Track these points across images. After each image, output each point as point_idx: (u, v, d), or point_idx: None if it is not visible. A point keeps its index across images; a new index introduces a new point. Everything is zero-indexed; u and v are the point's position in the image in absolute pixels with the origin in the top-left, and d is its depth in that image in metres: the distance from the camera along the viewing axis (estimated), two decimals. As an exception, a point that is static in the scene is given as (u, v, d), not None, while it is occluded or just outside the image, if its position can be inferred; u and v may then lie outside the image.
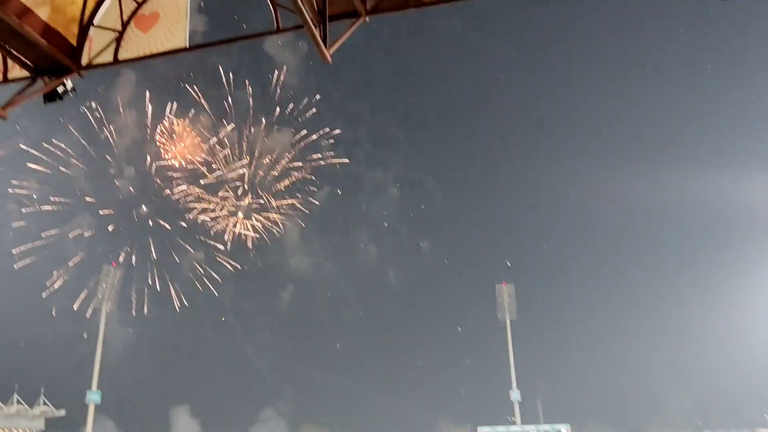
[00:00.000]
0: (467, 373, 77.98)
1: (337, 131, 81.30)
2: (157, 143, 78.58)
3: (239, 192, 79.82)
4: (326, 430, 74.92)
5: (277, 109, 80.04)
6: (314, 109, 79.89)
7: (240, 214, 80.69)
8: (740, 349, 68.67)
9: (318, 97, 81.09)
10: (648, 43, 79.04)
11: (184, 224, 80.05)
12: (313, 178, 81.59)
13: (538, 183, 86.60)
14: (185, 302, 79.69)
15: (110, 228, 78.57)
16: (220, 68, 76.08)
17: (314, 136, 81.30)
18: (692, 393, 71.60)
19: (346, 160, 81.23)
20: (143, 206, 78.99)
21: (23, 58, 13.03)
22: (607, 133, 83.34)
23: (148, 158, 78.54)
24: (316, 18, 13.77)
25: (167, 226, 79.74)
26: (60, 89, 13.30)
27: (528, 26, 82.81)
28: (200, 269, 79.78)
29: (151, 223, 79.53)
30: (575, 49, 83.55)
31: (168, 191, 78.58)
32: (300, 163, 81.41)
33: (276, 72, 79.64)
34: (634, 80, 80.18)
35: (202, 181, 79.29)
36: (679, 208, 75.93)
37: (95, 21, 13.77)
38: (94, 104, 76.49)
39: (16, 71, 13.45)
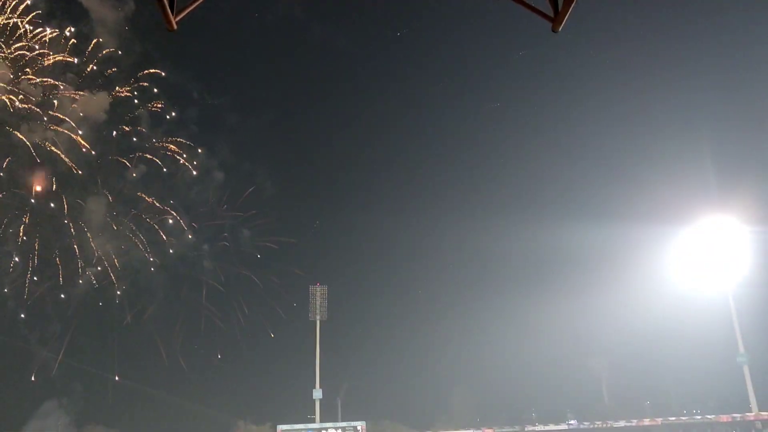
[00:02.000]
0: (272, 372, 77.64)
1: (161, 105, 75.38)
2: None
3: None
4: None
5: (91, 70, 71.39)
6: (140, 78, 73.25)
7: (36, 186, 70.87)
8: (515, 360, 77.53)
9: (141, 66, 74.15)
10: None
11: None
12: (124, 157, 74.90)
13: (362, 188, 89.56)
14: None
15: None
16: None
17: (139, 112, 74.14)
18: (475, 395, 79.31)
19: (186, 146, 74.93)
20: None
21: None
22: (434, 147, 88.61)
23: None
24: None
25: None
26: None
27: (382, 27, 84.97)
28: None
29: None
30: (418, 57, 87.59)
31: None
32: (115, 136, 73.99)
33: (90, 27, 70.75)
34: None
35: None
36: (488, 235, 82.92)
37: None
38: None
39: None
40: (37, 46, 67.89)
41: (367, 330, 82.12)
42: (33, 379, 70.85)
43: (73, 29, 69.71)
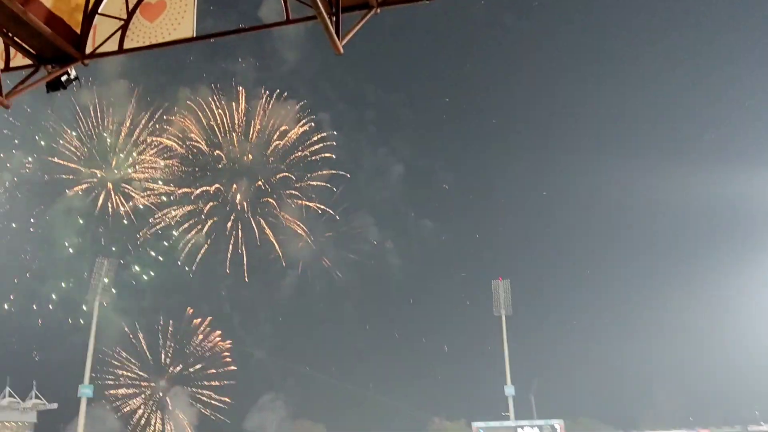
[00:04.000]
0: (462, 368, 77.91)
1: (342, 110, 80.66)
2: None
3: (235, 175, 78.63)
4: (321, 426, 75.16)
5: (275, 86, 78.66)
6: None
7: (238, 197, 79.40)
8: (732, 348, 69.27)
9: (321, 73, 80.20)
10: (646, 40, 78.81)
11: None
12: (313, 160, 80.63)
13: (540, 178, 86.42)
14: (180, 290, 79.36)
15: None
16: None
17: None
18: (684, 390, 71.96)
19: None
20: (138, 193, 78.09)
21: (26, 46, 12.67)
22: (608, 131, 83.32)
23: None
24: (328, 9, 13.50)
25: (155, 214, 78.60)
26: (63, 78, 13.02)
27: (542, 19, 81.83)
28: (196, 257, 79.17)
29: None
30: (577, 47, 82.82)
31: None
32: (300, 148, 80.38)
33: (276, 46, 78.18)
34: (634, 77, 79.90)
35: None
36: (677, 205, 76.20)
37: (100, 9, 13.43)
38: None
39: (18, 59, 13.11)
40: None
41: (555, 323, 79.02)
42: (251, 376, 79.30)
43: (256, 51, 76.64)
